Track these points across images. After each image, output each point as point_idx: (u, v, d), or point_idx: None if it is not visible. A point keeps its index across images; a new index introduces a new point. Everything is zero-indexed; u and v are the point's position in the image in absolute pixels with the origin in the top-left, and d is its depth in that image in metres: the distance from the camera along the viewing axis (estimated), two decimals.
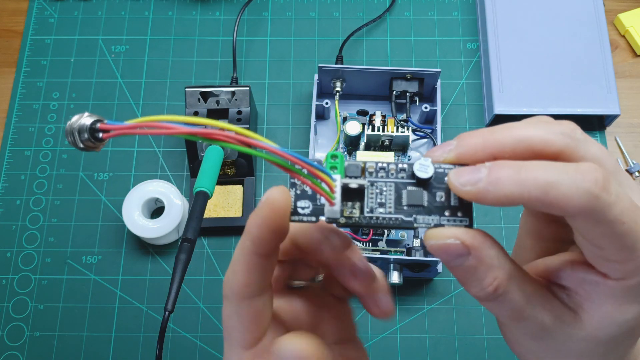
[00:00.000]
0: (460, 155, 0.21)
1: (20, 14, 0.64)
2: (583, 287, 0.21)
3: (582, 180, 0.18)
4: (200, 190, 0.45)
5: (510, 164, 0.19)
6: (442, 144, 0.22)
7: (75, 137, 0.19)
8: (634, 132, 0.58)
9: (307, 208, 0.22)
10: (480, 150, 0.21)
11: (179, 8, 0.64)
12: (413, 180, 0.22)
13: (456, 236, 0.20)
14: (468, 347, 0.51)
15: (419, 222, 0.22)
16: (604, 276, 0.20)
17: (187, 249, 0.42)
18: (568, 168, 0.19)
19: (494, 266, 0.20)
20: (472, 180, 0.20)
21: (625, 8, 0.63)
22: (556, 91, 0.56)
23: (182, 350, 0.51)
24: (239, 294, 0.23)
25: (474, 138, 0.21)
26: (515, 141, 0.21)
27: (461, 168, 0.21)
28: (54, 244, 0.54)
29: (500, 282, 0.20)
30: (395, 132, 0.52)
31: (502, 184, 0.19)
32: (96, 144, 0.20)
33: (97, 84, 0.60)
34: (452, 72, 0.61)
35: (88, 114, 0.20)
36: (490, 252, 0.20)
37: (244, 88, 0.53)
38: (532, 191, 0.19)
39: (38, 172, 0.57)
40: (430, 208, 0.22)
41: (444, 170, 0.22)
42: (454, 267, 0.21)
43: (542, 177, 0.19)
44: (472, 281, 0.21)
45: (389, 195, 0.22)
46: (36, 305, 0.52)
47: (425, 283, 0.53)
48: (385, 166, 0.23)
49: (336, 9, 0.64)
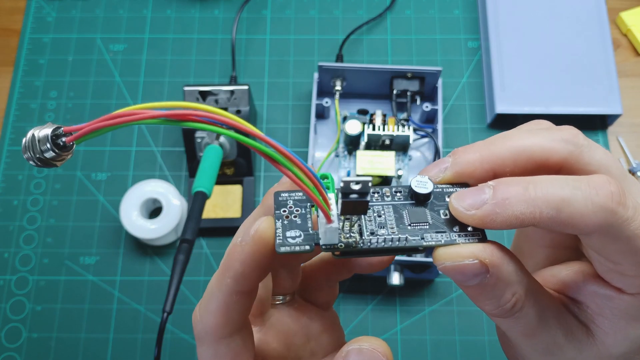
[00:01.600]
0: (458, 174, 0.20)
1: (17, 12, 0.64)
2: (595, 301, 0.20)
3: (596, 195, 0.17)
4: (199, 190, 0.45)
5: (516, 181, 0.18)
6: (436, 162, 0.21)
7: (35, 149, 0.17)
8: (636, 132, 0.58)
9: (298, 237, 0.20)
10: (479, 167, 0.20)
11: (178, 6, 0.63)
12: (412, 200, 0.21)
13: (475, 255, 0.18)
14: (469, 349, 0.50)
15: (429, 241, 0.20)
16: (618, 291, 0.19)
17: (186, 249, 0.42)
18: (580, 182, 0.17)
19: (512, 282, 0.19)
20: (476, 203, 0.18)
21: (627, 7, 0.62)
22: (558, 90, 0.56)
23: (180, 352, 0.51)
24: (215, 335, 0.21)
25: (469, 154, 0.20)
26: (514, 153, 0.19)
27: (462, 191, 0.19)
28: (51, 245, 0.54)
29: (519, 299, 0.19)
30: (395, 132, 0.52)
31: (510, 204, 0.17)
32: (61, 154, 0.17)
33: (95, 83, 0.60)
34: (453, 71, 0.60)
35: (49, 123, 0.18)
36: (509, 267, 0.19)
37: (243, 87, 0.53)
38: (544, 210, 0.17)
39: (35, 172, 0.56)
40: (437, 225, 0.20)
41: (443, 190, 0.21)
42: (468, 286, 0.19)
43: (554, 193, 0.17)
44: (488, 299, 0.19)
45: (388, 217, 0.20)
46: (34, 306, 0.52)
47: (426, 284, 0.52)
48: (379, 190, 0.21)
49: (336, 7, 0.63)
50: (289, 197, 0.21)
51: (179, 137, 0.56)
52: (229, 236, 0.54)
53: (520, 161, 0.19)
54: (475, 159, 0.20)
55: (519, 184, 0.18)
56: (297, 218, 0.20)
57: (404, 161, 0.54)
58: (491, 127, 0.58)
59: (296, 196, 0.21)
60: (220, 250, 0.54)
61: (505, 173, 0.20)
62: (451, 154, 0.21)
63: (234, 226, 0.53)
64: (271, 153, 0.18)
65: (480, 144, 0.20)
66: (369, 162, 0.52)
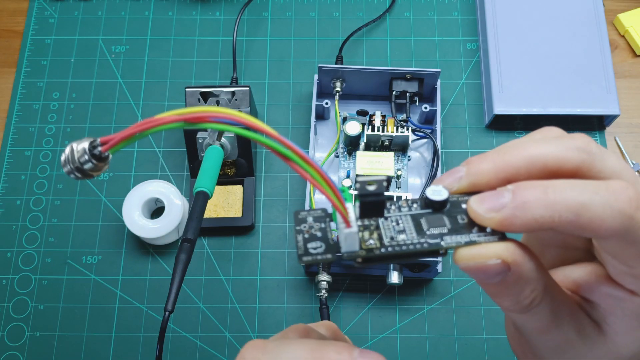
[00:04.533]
0: (473, 184, 0.20)
1: (20, 14, 0.64)
2: (608, 302, 0.20)
3: (615, 200, 0.17)
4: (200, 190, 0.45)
5: (535, 185, 0.18)
6: (450, 172, 0.21)
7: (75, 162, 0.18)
8: (633, 132, 0.58)
9: (319, 248, 0.20)
10: (494, 177, 0.20)
11: (179, 8, 0.64)
12: (428, 209, 0.21)
13: (498, 255, 0.19)
14: (468, 347, 0.51)
15: (448, 243, 0.20)
16: (631, 293, 0.20)
17: (187, 249, 0.42)
18: (598, 187, 0.18)
19: (532, 279, 0.19)
20: (495, 207, 0.18)
21: (624, 8, 0.63)
22: (556, 91, 0.56)
23: (182, 351, 0.51)
24: None
25: (483, 163, 0.20)
26: (528, 162, 0.19)
27: (482, 194, 0.19)
28: (54, 244, 0.54)
29: (537, 295, 0.19)
30: (395, 132, 0.52)
31: (530, 208, 0.18)
32: (98, 165, 0.18)
33: (97, 84, 0.61)
34: (451, 72, 0.61)
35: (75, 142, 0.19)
36: (530, 265, 0.19)
37: (244, 88, 0.53)
38: (563, 214, 0.17)
39: (38, 172, 0.57)
40: (456, 228, 0.20)
41: (458, 199, 0.21)
42: (489, 283, 0.19)
43: (573, 197, 0.17)
44: (508, 295, 0.20)
45: (407, 224, 0.21)
46: (36, 305, 0.52)
47: (425, 283, 0.53)
48: (395, 203, 0.21)
49: (336, 9, 0.64)
50: (309, 214, 0.22)
51: (181, 138, 0.57)
52: (230, 236, 0.55)
53: (534, 170, 0.19)
54: (489, 168, 0.20)
55: (538, 188, 0.18)
56: (318, 232, 0.21)
57: (403, 162, 0.55)
58: (489, 128, 0.58)
59: (315, 214, 0.21)
60: (221, 249, 0.54)
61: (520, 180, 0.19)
62: (465, 164, 0.21)
63: (235, 226, 0.54)
64: (287, 153, 0.19)
65: (494, 154, 0.20)
66: (369, 162, 0.52)
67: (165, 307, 0.40)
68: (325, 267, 0.50)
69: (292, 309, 0.52)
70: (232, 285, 0.53)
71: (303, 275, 0.53)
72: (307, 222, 0.21)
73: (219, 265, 0.54)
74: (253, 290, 0.53)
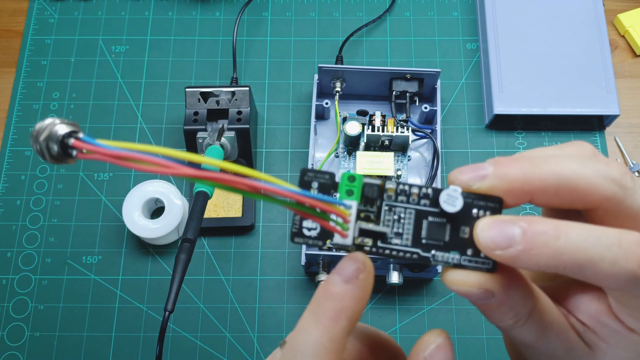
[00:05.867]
0: (495, 188, 0.19)
1: (20, 14, 0.64)
2: (603, 331, 0.20)
3: (625, 259, 0.17)
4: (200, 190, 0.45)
5: (549, 228, 0.17)
6: (474, 166, 0.20)
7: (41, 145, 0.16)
8: (633, 132, 0.58)
9: (313, 230, 0.20)
10: (519, 187, 0.19)
11: (179, 8, 0.64)
12: (436, 209, 0.20)
13: (481, 285, 0.19)
14: (468, 347, 0.51)
15: (438, 260, 0.20)
16: (629, 330, 0.20)
17: (187, 249, 0.42)
18: (612, 241, 0.17)
19: (516, 305, 0.19)
20: (502, 243, 0.18)
21: (624, 8, 0.63)
22: (556, 91, 0.56)
23: (182, 351, 0.51)
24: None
25: (513, 169, 0.19)
26: (558, 181, 0.18)
27: (491, 223, 0.18)
28: (54, 244, 0.54)
29: (521, 318, 0.19)
30: (395, 132, 0.52)
31: (536, 255, 0.17)
32: (65, 159, 0.17)
33: (97, 84, 0.61)
34: (451, 72, 0.61)
35: (60, 120, 0.17)
36: (515, 294, 0.19)
37: (244, 88, 0.53)
38: (568, 265, 0.17)
39: (38, 172, 0.57)
40: (452, 244, 0.20)
41: (472, 201, 0.20)
42: (475, 303, 0.20)
43: (582, 251, 0.17)
44: (493, 315, 0.20)
45: (407, 225, 0.20)
46: (36, 305, 0.52)
47: (425, 283, 0.53)
48: (407, 189, 0.20)
49: (336, 9, 0.64)
50: (315, 177, 0.20)
51: (181, 138, 0.57)
52: (230, 236, 0.55)
53: (563, 191, 0.18)
54: (518, 177, 0.19)
55: (550, 232, 0.17)
56: None
57: (403, 162, 0.55)
58: (489, 128, 0.58)
59: (322, 179, 0.20)
60: (221, 249, 0.54)
61: (543, 199, 0.19)
62: (492, 163, 0.19)
63: (235, 226, 0.54)
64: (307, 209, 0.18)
65: (525, 162, 0.19)
66: (369, 162, 0.52)
67: (165, 307, 0.40)
68: (325, 267, 0.50)
69: (292, 309, 0.52)
70: (232, 286, 0.53)
71: (303, 275, 0.53)
72: (311, 188, 0.20)
73: (219, 265, 0.54)
74: (253, 291, 0.53)
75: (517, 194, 0.19)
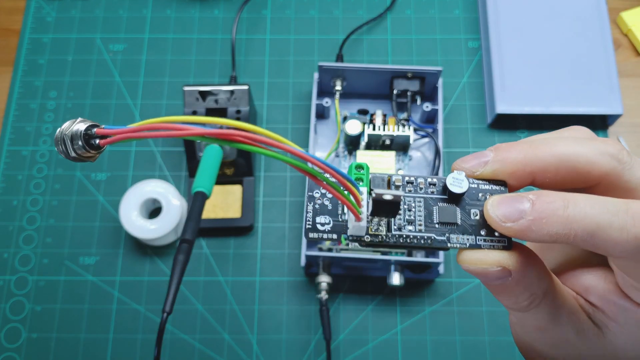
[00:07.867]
0: (498, 172, 0.20)
1: (17, 12, 0.64)
2: (612, 310, 0.20)
3: (633, 225, 0.17)
4: (199, 190, 0.45)
5: (556, 198, 0.18)
6: (476, 154, 0.21)
7: (67, 145, 0.17)
8: (636, 132, 0.58)
9: (327, 224, 0.20)
10: (521, 169, 0.20)
11: (178, 6, 0.63)
12: (444, 195, 0.21)
13: (499, 263, 0.19)
14: (470, 349, 0.50)
15: (453, 242, 0.20)
16: (637, 305, 0.20)
17: (186, 249, 0.42)
18: (618, 208, 0.18)
19: (532, 285, 0.19)
20: (512, 216, 0.18)
21: (627, 6, 0.62)
22: (558, 90, 0.56)
23: (180, 352, 0.50)
24: None
25: (514, 152, 0.20)
26: (559, 160, 0.19)
27: (500, 198, 0.19)
28: (51, 245, 0.54)
29: (536, 298, 0.20)
30: (396, 132, 0.52)
31: (547, 224, 0.18)
32: (92, 153, 0.18)
33: (95, 83, 0.60)
34: (453, 71, 0.60)
35: (81, 119, 0.18)
36: (531, 273, 0.19)
37: (243, 87, 0.53)
38: (578, 233, 0.17)
39: (35, 172, 0.56)
40: (465, 226, 0.20)
41: (478, 186, 0.20)
42: (490, 285, 0.20)
43: (591, 218, 0.17)
44: (508, 295, 0.20)
45: (418, 212, 0.20)
46: (33, 306, 0.52)
47: (426, 284, 0.52)
48: (414, 180, 0.21)
49: (336, 7, 0.63)
50: None
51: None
52: (229, 236, 0.54)
53: (563, 170, 0.19)
54: (519, 159, 0.20)
55: (558, 202, 0.18)
56: (329, 203, 0.20)
57: (404, 161, 0.54)
58: (491, 127, 0.58)
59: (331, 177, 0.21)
60: (220, 250, 0.54)
61: (545, 178, 0.19)
62: (493, 149, 0.20)
63: (234, 226, 0.53)
64: (307, 168, 0.18)
65: (525, 145, 0.20)
66: (369, 162, 0.51)
67: (164, 309, 0.40)
68: (325, 267, 0.49)
69: (292, 310, 0.52)
70: (231, 287, 0.52)
71: (303, 276, 0.53)
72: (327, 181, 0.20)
73: (218, 266, 0.53)
74: (252, 292, 0.52)
75: (519, 175, 0.20)
